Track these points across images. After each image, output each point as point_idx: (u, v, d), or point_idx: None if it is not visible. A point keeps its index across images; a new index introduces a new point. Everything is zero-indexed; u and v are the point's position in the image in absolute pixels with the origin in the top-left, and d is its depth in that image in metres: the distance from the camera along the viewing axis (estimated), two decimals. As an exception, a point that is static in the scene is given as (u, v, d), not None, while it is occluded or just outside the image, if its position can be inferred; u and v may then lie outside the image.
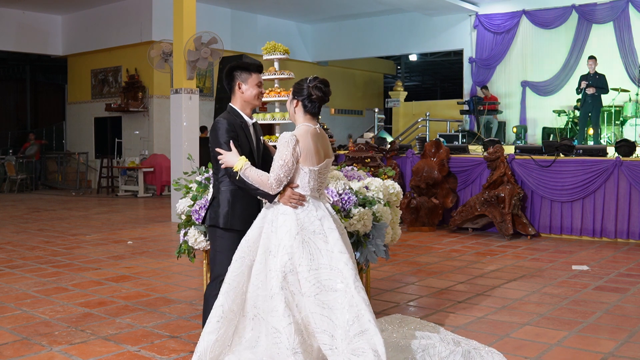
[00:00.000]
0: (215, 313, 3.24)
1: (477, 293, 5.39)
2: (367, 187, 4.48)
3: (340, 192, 4.27)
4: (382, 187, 4.52)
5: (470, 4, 16.04)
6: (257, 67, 3.58)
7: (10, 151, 17.46)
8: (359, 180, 4.53)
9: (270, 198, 3.32)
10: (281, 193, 3.29)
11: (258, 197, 3.41)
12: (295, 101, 3.40)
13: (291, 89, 3.47)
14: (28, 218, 10.80)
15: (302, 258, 3.20)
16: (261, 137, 3.67)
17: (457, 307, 4.95)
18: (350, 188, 4.37)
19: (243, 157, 3.32)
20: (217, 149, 3.39)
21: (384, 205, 4.42)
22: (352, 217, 4.23)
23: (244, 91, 3.53)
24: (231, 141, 3.37)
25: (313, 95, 3.38)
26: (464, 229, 8.84)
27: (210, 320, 3.24)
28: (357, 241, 4.37)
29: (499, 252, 7.33)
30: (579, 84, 11.92)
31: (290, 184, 3.30)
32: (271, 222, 3.30)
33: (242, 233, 3.40)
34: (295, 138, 3.25)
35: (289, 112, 3.48)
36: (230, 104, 3.59)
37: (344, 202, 4.24)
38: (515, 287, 5.60)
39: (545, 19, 15.31)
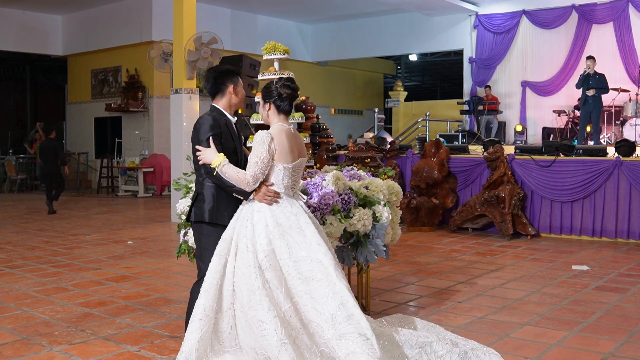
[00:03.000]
0: (197, 312, 3.29)
1: (477, 293, 5.39)
2: (367, 187, 4.48)
3: (340, 192, 4.27)
4: (382, 187, 4.52)
5: (470, 4, 16.04)
6: (239, 72, 3.73)
7: (11, 151, 17.46)
8: (359, 180, 4.53)
9: (246, 195, 3.41)
10: (256, 190, 3.39)
11: (234, 195, 3.46)
12: (267, 104, 3.53)
13: (261, 94, 3.57)
14: (28, 218, 10.80)
15: (281, 252, 3.30)
16: (242, 134, 3.74)
17: (457, 307, 4.95)
18: (350, 188, 4.37)
19: (221, 154, 3.39)
20: (197, 146, 3.46)
21: (384, 205, 4.42)
22: (352, 217, 4.23)
23: (237, 94, 3.63)
24: (211, 138, 3.43)
25: (283, 94, 3.49)
26: (464, 229, 8.84)
27: (193, 320, 3.29)
28: (357, 241, 4.37)
29: (499, 252, 7.33)
30: (579, 81, 11.93)
31: (265, 181, 3.40)
32: (246, 219, 3.39)
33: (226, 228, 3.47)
34: (270, 136, 3.37)
35: (262, 117, 3.60)
36: (213, 104, 3.65)
37: (344, 202, 4.24)
38: (515, 287, 5.60)
39: (545, 19, 15.32)
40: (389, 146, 10.05)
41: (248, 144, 5.13)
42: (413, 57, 22.07)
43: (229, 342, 3.32)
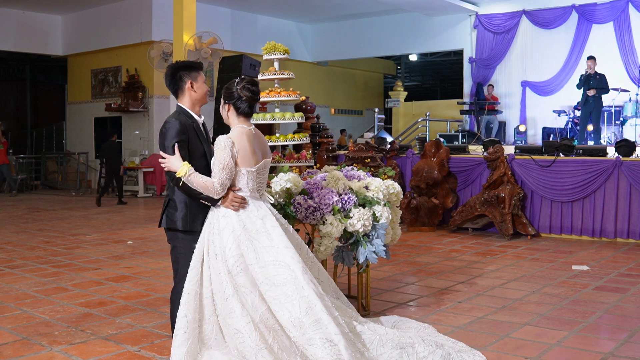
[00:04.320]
0: (180, 325, 3.30)
1: (477, 293, 5.39)
2: (367, 187, 4.48)
3: (340, 192, 4.27)
4: (382, 187, 4.52)
5: (470, 4, 16.05)
6: (201, 66, 3.62)
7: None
8: (359, 180, 4.53)
9: (214, 202, 3.39)
10: (224, 196, 3.37)
11: (202, 202, 3.41)
12: (227, 105, 3.48)
13: (222, 94, 3.52)
14: (28, 218, 10.80)
15: (249, 257, 3.30)
16: (210, 136, 3.65)
17: (457, 307, 4.94)
18: (350, 188, 4.37)
19: (186, 163, 3.32)
20: (162, 153, 3.40)
21: (384, 205, 4.42)
22: (352, 217, 4.23)
23: (197, 89, 3.52)
24: (176, 145, 3.35)
25: (243, 97, 3.46)
26: (464, 229, 8.84)
27: (177, 333, 3.30)
28: (357, 241, 4.37)
29: (499, 252, 7.33)
30: (580, 81, 11.94)
31: (232, 186, 3.39)
32: (213, 225, 3.39)
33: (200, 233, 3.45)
34: (230, 141, 3.34)
35: (223, 117, 3.53)
36: (178, 104, 3.56)
37: (344, 202, 4.24)
38: (515, 287, 5.60)
39: (545, 19, 15.32)
40: (388, 146, 10.05)
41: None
42: (413, 57, 22.08)
43: (217, 347, 3.35)
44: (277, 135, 5.89)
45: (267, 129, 6.04)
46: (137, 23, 15.77)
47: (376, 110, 17.74)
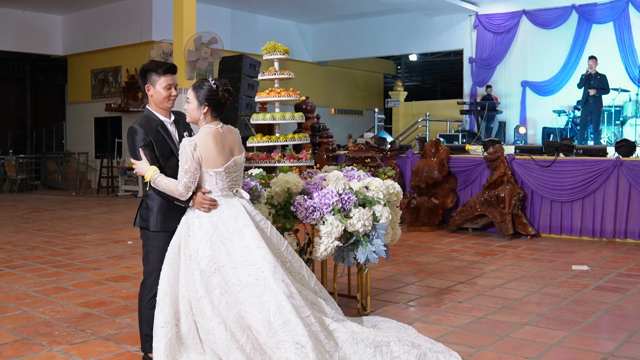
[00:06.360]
0: (157, 320, 3.34)
1: (477, 293, 5.39)
2: (367, 187, 4.48)
3: (340, 192, 4.27)
4: (382, 187, 4.52)
5: (470, 4, 16.05)
6: (167, 69, 3.48)
7: (11, 151, 17.47)
8: (359, 180, 4.54)
9: (186, 203, 3.40)
10: (193, 198, 3.38)
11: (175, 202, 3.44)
12: (205, 107, 3.39)
13: (194, 94, 3.39)
14: (28, 218, 10.80)
15: (221, 258, 3.31)
16: (189, 132, 3.62)
17: (457, 307, 4.95)
18: (350, 188, 4.37)
19: (152, 167, 3.36)
20: (132, 159, 3.45)
21: (384, 205, 4.42)
22: (352, 217, 4.23)
23: (152, 94, 3.48)
24: (141, 150, 3.37)
25: (222, 99, 3.42)
26: (464, 229, 8.84)
27: (156, 328, 3.34)
28: (357, 241, 4.37)
29: (499, 252, 7.33)
30: (581, 81, 11.95)
31: (199, 188, 3.38)
32: (188, 226, 3.41)
33: (173, 232, 3.48)
34: (194, 143, 3.31)
35: (191, 116, 3.45)
36: (146, 106, 3.55)
37: (344, 202, 4.24)
38: (515, 287, 5.60)
39: (545, 19, 15.33)
40: (388, 146, 10.05)
41: (248, 145, 5.14)
42: (413, 57, 22.06)
43: (193, 347, 3.38)
44: (277, 135, 5.89)
45: (267, 129, 6.04)
46: (137, 23, 15.76)
47: (376, 110, 17.73)
